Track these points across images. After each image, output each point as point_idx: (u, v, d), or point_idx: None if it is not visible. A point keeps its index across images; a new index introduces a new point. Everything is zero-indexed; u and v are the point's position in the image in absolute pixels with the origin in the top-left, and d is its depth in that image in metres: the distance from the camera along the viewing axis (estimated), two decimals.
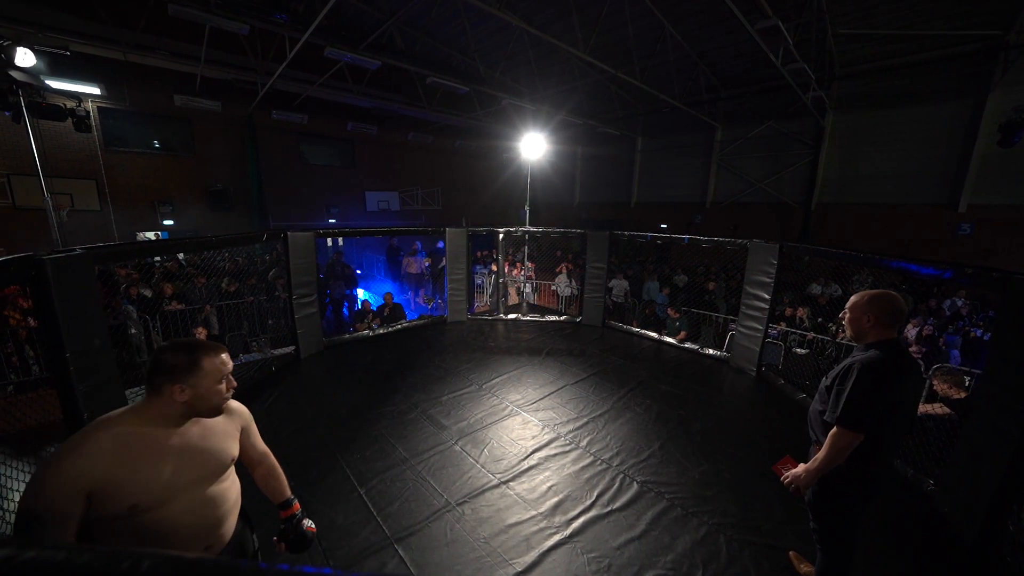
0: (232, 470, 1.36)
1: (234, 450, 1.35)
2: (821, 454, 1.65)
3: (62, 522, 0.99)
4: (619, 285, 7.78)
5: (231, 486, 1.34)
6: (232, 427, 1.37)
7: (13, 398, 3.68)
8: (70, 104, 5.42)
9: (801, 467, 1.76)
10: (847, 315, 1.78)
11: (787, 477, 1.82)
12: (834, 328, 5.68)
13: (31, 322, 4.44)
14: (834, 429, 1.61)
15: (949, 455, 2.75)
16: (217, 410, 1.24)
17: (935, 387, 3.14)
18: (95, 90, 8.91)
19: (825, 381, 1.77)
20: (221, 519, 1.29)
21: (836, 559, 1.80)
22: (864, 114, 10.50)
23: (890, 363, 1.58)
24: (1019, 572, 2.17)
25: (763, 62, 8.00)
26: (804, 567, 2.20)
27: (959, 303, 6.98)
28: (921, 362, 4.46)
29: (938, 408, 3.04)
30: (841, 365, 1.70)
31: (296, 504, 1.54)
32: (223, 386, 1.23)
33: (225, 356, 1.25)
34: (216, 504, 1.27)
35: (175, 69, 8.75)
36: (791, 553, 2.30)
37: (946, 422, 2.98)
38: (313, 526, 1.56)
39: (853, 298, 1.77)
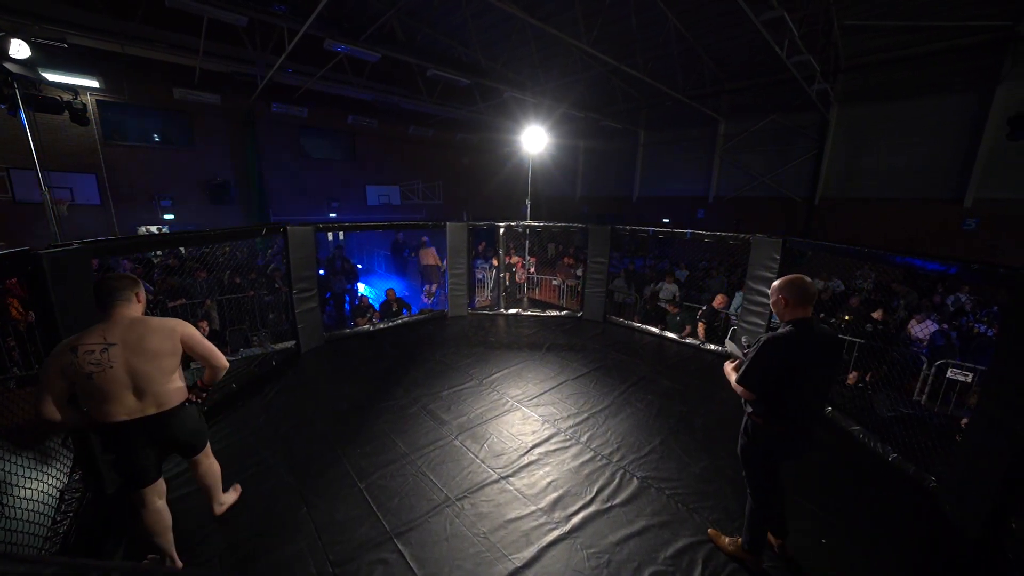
0: (168, 367, 1.93)
1: (162, 347, 1.91)
2: (733, 378, 2.07)
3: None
4: (668, 289, 6.79)
5: (164, 375, 1.92)
6: (169, 336, 1.95)
7: (14, 393, 3.69)
8: (67, 97, 5.37)
9: (732, 373, 2.12)
10: (770, 300, 2.05)
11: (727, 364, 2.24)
12: (836, 323, 5.65)
13: (30, 316, 4.43)
14: (736, 383, 2.02)
15: (951, 452, 2.74)
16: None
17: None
18: (94, 83, 8.85)
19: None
20: (148, 390, 1.88)
21: (759, 500, 2.11)
22: (870, 107, 10.37)
23: (794, 337, 1.85)
24: (1022, 570, 2.16)
25: (768, 54, 7.90)
26: (726, 540, 2.33)
27: (963, 299, 6.93)
28: (924, 358, 4.45)
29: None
30: (759, 338, 2.01)
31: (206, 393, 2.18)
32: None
33: None
34: (144, 379, 1.86)
35: (174, 62, 8.68)
36: (710, 531, 2.42)
37: (948, 419, 2.95)
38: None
39: (773, 284, 2.04)
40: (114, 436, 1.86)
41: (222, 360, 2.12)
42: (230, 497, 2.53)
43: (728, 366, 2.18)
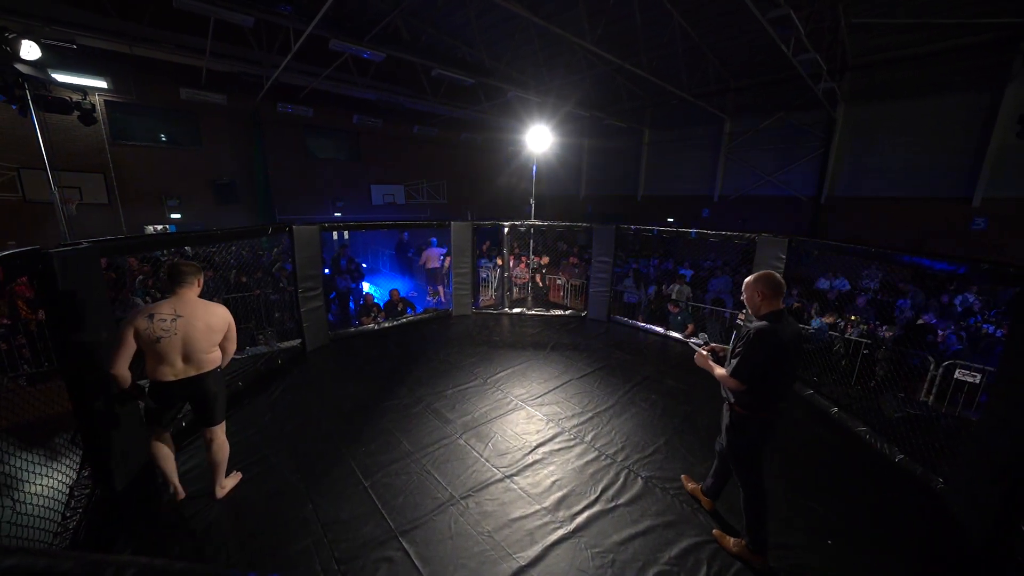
0: (214, 340, 2.39)
1: (215, 324, 2.37)
2: (721, 374, 2.12)
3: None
4: (680, 291, 6.68)
5: (210, 346, 2.37)
6: (222, 318, 2.42)
7: (24, 391, 3.74)
8: (76, 97, 5.43)
9: (716, 368, 2.17)
10: (744, 296, 2.12)
11: (700, 357, 2.27)
12: (842, 324, 5.60)
13: (40, 315, 4.49)
14: (730, 378, 2.05)
15: (959, 453, 2.71)
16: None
17: None
18: (102, 84, 8.93)
19: (731, 345, 2.16)
20: (193, 357, 2.32)
21: (750, 492, 2.16)
22: (877, 106, 10.26)
23: (777, 330, 1.95)
24: None
25: (774, 52, 7.82)
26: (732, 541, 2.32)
27: (971, 299, 6.84)
28: (931, 359, 4.40)
29: None
30: (742, 332, 2.06)
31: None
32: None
33: None
34: (193, 347, 2.29)
35: (181, 62, 8.75)
36: (715, 531, 2.41)
37: (956, 420, 2.92)
38: None
39: (745, 280, 2.13)
40: (159, 392, 2.31)
41: (234, 348, 2.62)
42: (231, 482, 2.71)
43: (704, 360, 2.24)
